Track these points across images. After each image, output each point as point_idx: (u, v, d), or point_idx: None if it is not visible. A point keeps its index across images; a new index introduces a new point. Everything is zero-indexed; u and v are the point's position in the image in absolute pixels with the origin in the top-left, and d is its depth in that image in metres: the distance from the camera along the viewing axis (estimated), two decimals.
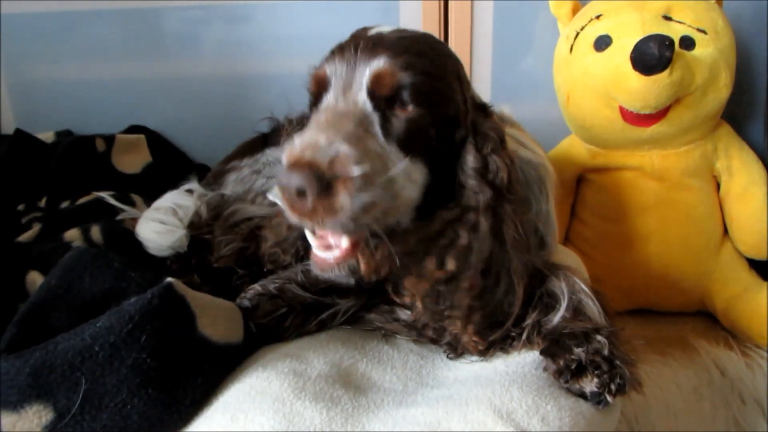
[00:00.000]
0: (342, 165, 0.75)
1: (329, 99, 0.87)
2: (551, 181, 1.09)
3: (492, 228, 0.90)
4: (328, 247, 0.84)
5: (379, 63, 0.85)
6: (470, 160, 0.91)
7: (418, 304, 0.93)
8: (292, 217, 0.79)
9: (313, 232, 0.85)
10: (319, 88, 0.90)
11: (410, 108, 0.85)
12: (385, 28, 0.92)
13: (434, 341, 0.97)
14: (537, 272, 0.98)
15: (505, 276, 0.90)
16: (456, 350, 0.94)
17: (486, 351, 0.92)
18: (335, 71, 0.88)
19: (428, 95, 0.86)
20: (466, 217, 0.90)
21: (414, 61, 0.85)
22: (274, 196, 0.92)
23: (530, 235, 0.99)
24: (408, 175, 0.85)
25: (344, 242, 0.83)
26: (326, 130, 0.79)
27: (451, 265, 0.90)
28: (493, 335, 0.91)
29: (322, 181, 0.74)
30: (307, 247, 1.00)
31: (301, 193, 0.74)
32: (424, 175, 0.88)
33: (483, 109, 0.97)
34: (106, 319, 0.78)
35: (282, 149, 0.80)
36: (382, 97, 0.85)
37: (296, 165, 0.74)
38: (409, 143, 0.85)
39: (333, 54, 0.90)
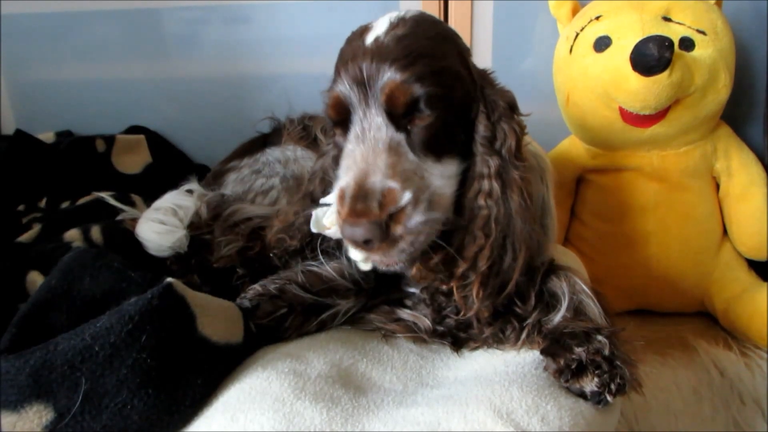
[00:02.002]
0: (392, 200, 0.83)
1: (355, 130, 0.90)
2: (550, 173, 1.10)
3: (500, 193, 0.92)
4: None
5: (388, 81, 0.86)
6: (481, 129, 0.94)
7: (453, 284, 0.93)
8: (358, 254, 0.89)
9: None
10: (339, 114, 0.92)
11: (427, 114, 0.88)
12: (380, 28, 0.92)
13: (435, 332, 0.97)
14: (540, 267, 0.99)
15: (510, 241, 0.92)
16: (461, 330, 0.95)
17: (489, 325, 0.94)
18: (350, 95, 0.90)
19: (441, 95, 0.88)
20: (482, 184, 0.93)
21: (420, 67, 0.87)
22: (317, 227, 0.97)
23: (537, 205, 1.01)
24: (442, 175, 0.90)
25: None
26: (365, 169, 0.85)
27: (480, 238, 0.91)
28: (497, 300, 0.92)
29: (382, 226, 0.82)
30: (313, 233, 1.01)
31: (366, 242, 0.82)
32: (455, 165, 0.93)
33: (487, 76, 0.99)
34: (106, 320, 0.78)
35: (332, 197, 0.89)
36: (400, 114, 0.88)
37: (355, 218, 0.82)
38: (435, 145, 0.89)
39: (339, 73, 0.92)
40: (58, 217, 1.50)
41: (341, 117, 0.92)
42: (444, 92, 0.89)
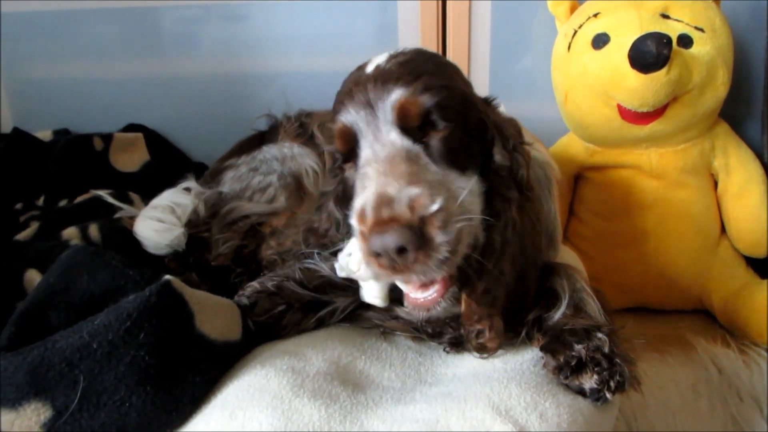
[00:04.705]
0: (422, 206, 0.75)
1: (366, 153, 0.85)
2: (556, 180, 1.09)
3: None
4: (424, 287, 0.83)
5: (398, 96, 0.84)
6: (499, 158, 0.91)
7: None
8: (392, 278, 0.78)
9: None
10: (348, 144, 0.88)
11: (442, 126, 0.84)
12: (380, 59, 0.90)
13: (434, 337, 0.97)
14: (541, 270, 0.99)
15: (523, 275, 0.90)
16: (458, 346, 0.94)
17: (494, 349, 0.92)
18: (357, 121, 0.86)
19: (453, 108, 0.85)
20: (506, 217, 0.89)
21: (428, 80, 0.84)
22: (344, 271, 0.91)
23: (543, 233, 0.99)
24: (470, 191, 0.85)
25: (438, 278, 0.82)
26: (386, 180, 0.78)
27: (509, 273, 0.88)
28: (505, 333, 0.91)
29: (416, 231, 0.73)
30: (308, 256, 1.01)
31: (400, 251, 0.72)
32: (479, 185, 0.88)
33: (490, 103, 0.97)
34: (104, 317, 0.78)
35: (351, 215, 0.79)
36: (414, 127, 0.84)
37: (384, 225, 0.73)
38: (457, 157, 0.85)
39: (343, 103, 0.88)
40: (55, 215, 1.50)
41: (350, 146, 0.88)
42: (455, 105, 0.86)
